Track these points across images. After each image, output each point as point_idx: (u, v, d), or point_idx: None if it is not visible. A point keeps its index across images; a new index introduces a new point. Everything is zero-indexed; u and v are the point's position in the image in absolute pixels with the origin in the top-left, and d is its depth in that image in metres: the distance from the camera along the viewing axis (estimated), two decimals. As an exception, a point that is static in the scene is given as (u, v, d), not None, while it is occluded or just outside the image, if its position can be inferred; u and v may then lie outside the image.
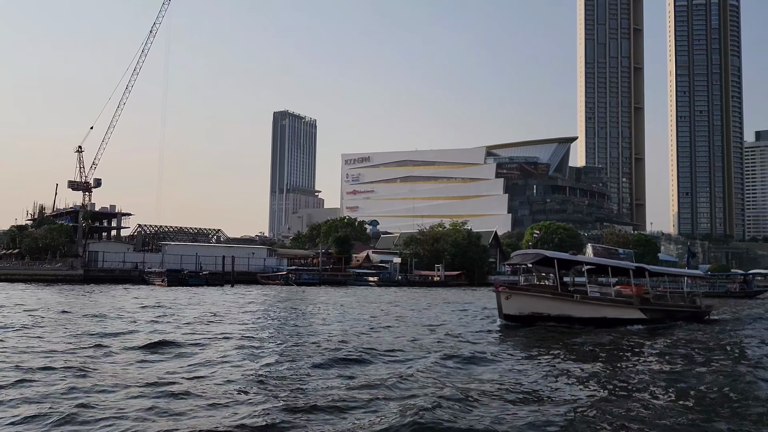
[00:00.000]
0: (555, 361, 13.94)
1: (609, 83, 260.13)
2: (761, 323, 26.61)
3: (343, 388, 10.33)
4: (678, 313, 25.24)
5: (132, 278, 72.18)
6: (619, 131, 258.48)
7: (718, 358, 15.16)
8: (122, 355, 13.85)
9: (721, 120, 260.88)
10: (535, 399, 9.80)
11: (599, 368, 13.13)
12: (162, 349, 14.62)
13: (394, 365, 12.77)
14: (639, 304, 23.43)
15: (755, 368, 13.40)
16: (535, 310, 21.22)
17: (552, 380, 11.54)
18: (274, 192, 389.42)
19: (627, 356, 15.42)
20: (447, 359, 13.53)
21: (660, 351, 16.38)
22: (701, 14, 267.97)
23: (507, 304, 21.13)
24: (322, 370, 12.03)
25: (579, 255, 25.76)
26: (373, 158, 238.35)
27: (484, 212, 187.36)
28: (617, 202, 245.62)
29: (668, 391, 10.89)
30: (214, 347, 15.30)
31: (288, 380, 11.05)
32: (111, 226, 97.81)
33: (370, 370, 12.23)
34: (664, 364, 14.13)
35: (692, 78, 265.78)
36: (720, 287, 67.71)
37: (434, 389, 10.17)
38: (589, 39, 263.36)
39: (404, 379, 11.01)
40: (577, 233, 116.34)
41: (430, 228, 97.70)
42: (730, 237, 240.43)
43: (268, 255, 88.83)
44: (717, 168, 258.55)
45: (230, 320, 23.26)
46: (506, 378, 11.71)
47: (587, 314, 21.68)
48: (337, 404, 9.02)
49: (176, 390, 9.88)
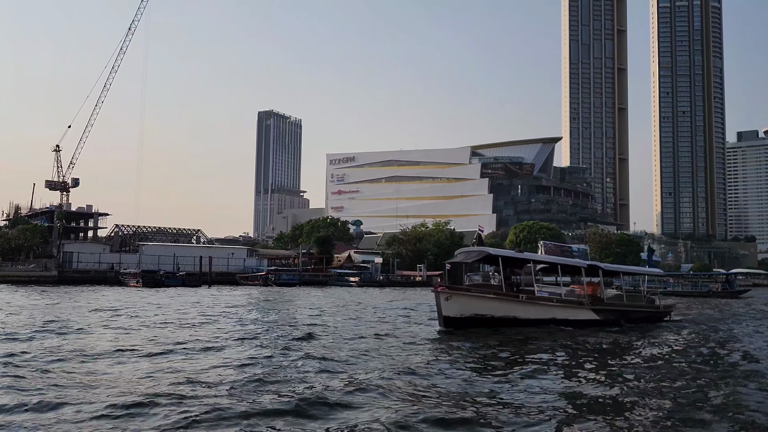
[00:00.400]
0: (490, 367, 13.00)
1: (593, 84, 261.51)
2: (723, 325, 25.55)
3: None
4: (634, 313, 24.27)
5: (107, 279, 70.60)
6: (603, 131, 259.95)
7: (646, 362, 14.33)
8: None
9: (703, 120, 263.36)
10: (466, 414, 8.77)
11: (529, 372, 12.34)
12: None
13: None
14: (591, 305, 22.41)
15: (689, 374, 12.66)
16: (478, 311, 19.89)
17: (487, 387, 10.67)
18: (259, 192, 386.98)
19: (559, 358, 14.42)
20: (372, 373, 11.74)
21: (599, 355, 15.45)
22: (683, 16, 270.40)
23: (447, 305, 19.64)
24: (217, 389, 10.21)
25: (526, 253, 24.31)
26: (358, 158, 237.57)
27: (469, 212, 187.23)
28: (601, 202, 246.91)
29: (602, 397, 10.21)
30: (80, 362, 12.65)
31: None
32: (88, 227, 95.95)
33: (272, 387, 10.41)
34: (598, 368, 13.24)
35: (675, 79, 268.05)
36: (702, 287, 67.70)
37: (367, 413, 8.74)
38: (573, 40, 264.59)
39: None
40: (560, 233, 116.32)
41: (412, 228, 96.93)
42: (713, 237, 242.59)
43: (248, 255, 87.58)
44: (699, 168, 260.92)
45: (148, 326, 20.63)
46: (426, 386, 10.59)
47: (534, 315, 20.64)
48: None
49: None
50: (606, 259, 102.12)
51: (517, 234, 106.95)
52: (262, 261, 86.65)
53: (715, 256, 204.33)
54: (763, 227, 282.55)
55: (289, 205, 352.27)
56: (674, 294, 65.69)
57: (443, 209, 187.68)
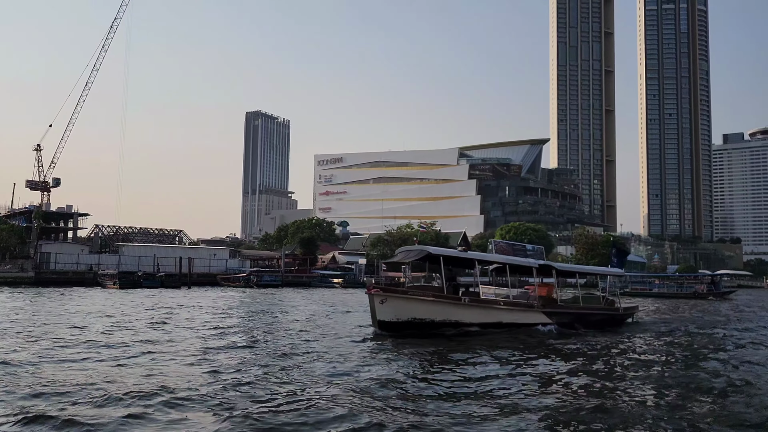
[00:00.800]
0: (422, 378, 11.76)
1: (581, 86, 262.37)
2: (690, 328, 24.41)
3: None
4: (590, 316, 22.94)
5: (86, 280, 69.23)
6: (590, 133, 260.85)
7: (591, 369, 13.50)
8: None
9: (690, 123, 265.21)
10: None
11: (454, 380, 11.54)
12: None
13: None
14: (542, 307, 21.18)
15: (623, 383, 11.93)
16: (416, 315, 18.49)
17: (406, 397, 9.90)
18: (246, 193, 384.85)
19: (486, 366, 13.37)
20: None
21: (531, 361, 14.39)
22: (670, 19, 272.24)
23: (382, 309, 18.19)
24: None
25: (472, 252, 23.24)
26: (346, 159, 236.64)
27: (456, 213, 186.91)
28: (589, 204, 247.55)
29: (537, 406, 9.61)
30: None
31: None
32: (67, 227, 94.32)
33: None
34: (536, 377, 12.41)
35: (662, 81, 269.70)
36: (687, 288, 67.59)
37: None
38: (561, 42, 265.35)
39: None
40: (546, 234, 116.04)
41: (397, 229, 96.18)
42: (699, 238, 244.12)
43: (230, 256, 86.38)
44: (686, 170, 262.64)
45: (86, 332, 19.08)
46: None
47: (478, 319, 19.30)
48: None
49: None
50: (592, 260, 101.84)
51: (503, 235, 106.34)
52: (244, 262, 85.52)
53: (701, 257, 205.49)
54: (748, 229, 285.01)
55: (277, 206, 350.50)
56: (660, 295, 65.50)
57: (431, 210, 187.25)
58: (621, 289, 71.27)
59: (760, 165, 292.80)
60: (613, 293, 26.69)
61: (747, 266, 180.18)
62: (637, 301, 53.98)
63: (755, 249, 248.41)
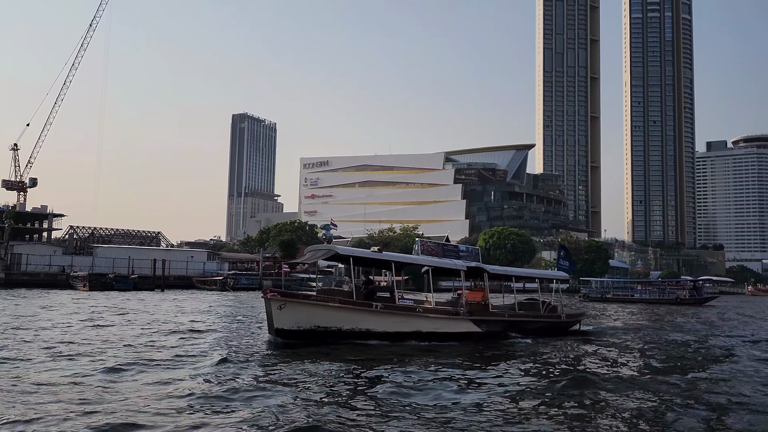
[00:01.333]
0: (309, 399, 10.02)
1: (566, 92, 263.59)
2: (642, 338, 22.58)
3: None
4: (527, 324, 21.12)
5: (58, 282, 67.68)
6: (576, 139, 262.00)
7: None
8: None
9: (674, 130, 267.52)
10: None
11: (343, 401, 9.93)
12: None
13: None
14: (470, 315, 19.19)
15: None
16: (320, 323, 16.59)
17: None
18: (232, 195, 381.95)
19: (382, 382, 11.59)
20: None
21: (450, 375, 12.65)
22: (655, 27, 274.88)
23: (280, 315, 16.21)
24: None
25: (387, 252, 20.67)
26: (332, 162, 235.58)
27: (442, 218, 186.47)
28: (574, 209, 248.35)
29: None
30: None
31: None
32: (42, 228, 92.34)
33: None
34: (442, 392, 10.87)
35: (646, 89, 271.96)
36: (669, 294, 67.33)
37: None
38: (547, 48, 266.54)
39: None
40: (530, 239, 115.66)
41: (379, 232, 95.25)
42: (682, 245, 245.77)
43: (209, 258, 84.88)
44: (670, 177, 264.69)
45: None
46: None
47: (394, 328, 17.37)
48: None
49: None
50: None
51: (486, 240, 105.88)
52: (222, 265, 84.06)
53: (684, 263, 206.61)
54: (730, 236, 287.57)
55: (262, 209, 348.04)
56: (641, 301, 65.14)
57: (417, 214, 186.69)
58: (602, 294, 71.35)
59: (742, 173, 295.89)
60: (557, 298, 24.61)
61: (729, 273, 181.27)
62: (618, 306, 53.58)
63: (737, 256, 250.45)
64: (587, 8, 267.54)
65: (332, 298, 17.33)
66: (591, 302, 63.83)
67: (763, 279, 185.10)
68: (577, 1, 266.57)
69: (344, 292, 18.45)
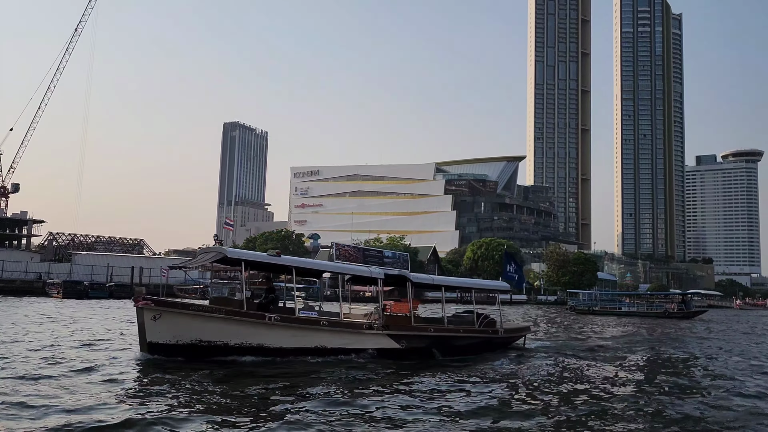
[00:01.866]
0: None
1: (557, 104, 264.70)
2: (599, 354, 20.48)
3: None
4: (455, 340, 18.70)
5: (34, 290, 66.09)
6: (566, 151, 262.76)
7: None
8: None
9: (663, 144, 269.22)
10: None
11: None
12: None
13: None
14: (386, 329, 16.95)
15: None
16: (202, 336, 14.39)
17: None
18: (222, 204, 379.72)
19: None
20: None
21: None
22: (646, 42, 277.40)
23: (154, 327, 13.97)
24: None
25: (287, 257, 18.31)
26: (322, 172, 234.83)
27: (432, 228, 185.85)
28: (564, 221, 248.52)
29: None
30: None
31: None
32: (21, 234, 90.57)
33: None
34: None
35: (637, 102, 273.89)
36: (658, 307, 66.51)
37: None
38: (538, 61, 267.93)
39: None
40: (519, 250, 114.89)
41: (365, 242, 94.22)
42: (671, 258, 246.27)
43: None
44: (659, 190, 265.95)
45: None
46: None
47: (291, 343, 15.31)
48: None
49: None
50: (563, 277, 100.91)
51: (474, 251, 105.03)
52: (205, 274, 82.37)
53: (673, 276, 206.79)
54: (719, 249, 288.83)
55: (252, 218, 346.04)
56: (629, 314, 64.18)
57: (407, 225, 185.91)
58: (589, 307, 70.43)
59: (731, 187, 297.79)
60: (493, 311, 21.91)
61: (718, 286, 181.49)
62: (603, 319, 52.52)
63: (726, 269, 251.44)
64: (578, 22, 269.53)
65: (218, 308, 14.91)
66: (578, 315, 62.82)
67: (751, 293, 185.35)
68: (568, 15, 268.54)
69: (235, 301, 15.92)
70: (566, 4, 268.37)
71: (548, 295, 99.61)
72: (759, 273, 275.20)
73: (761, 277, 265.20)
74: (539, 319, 47.63)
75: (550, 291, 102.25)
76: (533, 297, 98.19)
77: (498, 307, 21.83)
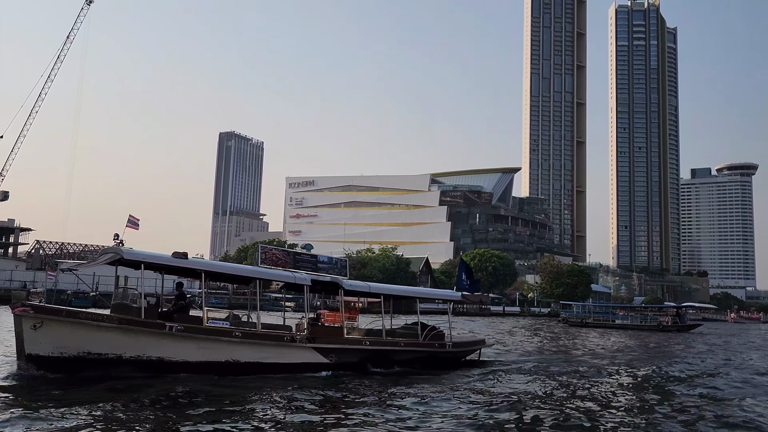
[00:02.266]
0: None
1: (553, 116, 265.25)
2: (555, 371, 18.85)
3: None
4: (394, 354, 17.06)
5: (19, 298, 65.10)
6: (561, 164, 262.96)
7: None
8: None
9: (658, 157, 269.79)
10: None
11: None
12: None
13: None
14: (312, 341, 15.40)
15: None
16: (91, 348, 12.79)
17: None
18: (217, 213, 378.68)
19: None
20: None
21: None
22: (641, 55, 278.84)
23: (34, 337, 12.29)
24: None
25: (195, 260, 16.56)
26: (317, 182, 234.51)
27: (427, 239, 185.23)
28: (559, 233, 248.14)
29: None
30: None
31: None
32: (8, 242, 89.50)
33: None
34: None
35: (632, 115, 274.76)
36: (652, 320, 65.81)
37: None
38: (534, 73, 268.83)
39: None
40: (512, 262, 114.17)
41: (357, 252, 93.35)
42: (666, 270, 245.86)
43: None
44: (654, 203, 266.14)
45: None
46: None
47: (197, 357, 13.73)
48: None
49: None
50: (557, 289, 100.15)
51: (468, 262, 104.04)
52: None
53: (668, 289, 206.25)
54: (714, 262, 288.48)
55: (247, 227, 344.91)
56: (622, 327, 63.40)
57: (402, 236, 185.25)
58: (582, 319, 69.61)
59: (726, 200, 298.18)
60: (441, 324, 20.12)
61: (713, 299, 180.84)
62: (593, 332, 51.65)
63: (721, 282, 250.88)
64: (574, 35, 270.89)
65: (110, 316, 13.31)
66: (570, 327, 62.00)
67: (746, 306, 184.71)
68: (564, 28, 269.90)
69: (133, 309, 14.07)
70: (562, 17, 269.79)
71: (542, 307, 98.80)
72: (754, 286, 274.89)
73: (756, 291, 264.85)
74: (522, 331, 46.31)
75: (543, 303, 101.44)
76: (526, 309, 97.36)
77: (449, 318, 20.47)
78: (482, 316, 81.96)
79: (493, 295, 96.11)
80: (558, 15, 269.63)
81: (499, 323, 59.97)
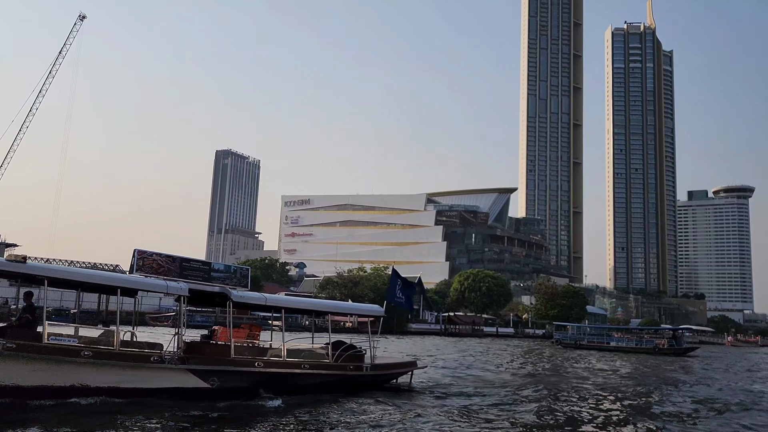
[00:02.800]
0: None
1: (549, 138, 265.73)
2: (494, 399, 17.03)
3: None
4: (298, 378, 15.11)
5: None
6: (558, 184, 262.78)
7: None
8: None
9: (655, 178, 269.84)
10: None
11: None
12: None
13: None
14: (187, 362, 13.49)
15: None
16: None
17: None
18: (212, 231, 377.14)
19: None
20: None
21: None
22: (637, 77, 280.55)
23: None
24: None
25: (37, 264, 14.61)
26: (313, 201, 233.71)
27: (422, 259, 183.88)
28: (555, 254, 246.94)
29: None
30: None
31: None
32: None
33: None
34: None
35: (629, 137, 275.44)
36: (648, 342, 64.33)
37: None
38: (531, 94, 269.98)
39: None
40: (506, 282, 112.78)
41: (348, 271, 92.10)
42: (664, 293, 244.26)
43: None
44: (651, 225, 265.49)
45: None
46: None
47: (33, 380, 11.87)
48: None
49: None
50: (551, 310, 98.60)
51: (461, 282, 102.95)
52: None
53: (665, 311, 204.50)
54: (712, 285, 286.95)
55: (243, 246, 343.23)
56: (617, 350, 61.85)
57: (397, 255, 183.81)
58: (576, 341, 68.06)
59: (723, 222, 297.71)
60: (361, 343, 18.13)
61: (711, 322, 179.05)
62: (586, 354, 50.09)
63: (719, 305, 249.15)
64: (570, 56, 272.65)
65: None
66: (564, 349, 60.48)
67: (744, 329, 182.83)
68: (560, 50, 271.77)
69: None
70: (558, 39, 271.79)
71: (536, 329, 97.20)
72: (752, 309, 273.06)
73: (754, 314, 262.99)
74: (498, 353, 44.42)
75: (539, 324, 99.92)
76: (521, 330, 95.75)
77: (369, 337, 17.81)
78: (476, 337, 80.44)
79: (486, 316, 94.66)
80: (554, 37, 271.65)
81: (476, 344, 58.23)
